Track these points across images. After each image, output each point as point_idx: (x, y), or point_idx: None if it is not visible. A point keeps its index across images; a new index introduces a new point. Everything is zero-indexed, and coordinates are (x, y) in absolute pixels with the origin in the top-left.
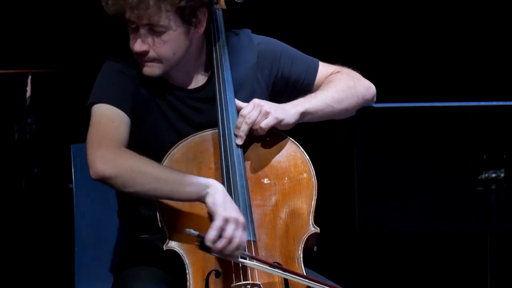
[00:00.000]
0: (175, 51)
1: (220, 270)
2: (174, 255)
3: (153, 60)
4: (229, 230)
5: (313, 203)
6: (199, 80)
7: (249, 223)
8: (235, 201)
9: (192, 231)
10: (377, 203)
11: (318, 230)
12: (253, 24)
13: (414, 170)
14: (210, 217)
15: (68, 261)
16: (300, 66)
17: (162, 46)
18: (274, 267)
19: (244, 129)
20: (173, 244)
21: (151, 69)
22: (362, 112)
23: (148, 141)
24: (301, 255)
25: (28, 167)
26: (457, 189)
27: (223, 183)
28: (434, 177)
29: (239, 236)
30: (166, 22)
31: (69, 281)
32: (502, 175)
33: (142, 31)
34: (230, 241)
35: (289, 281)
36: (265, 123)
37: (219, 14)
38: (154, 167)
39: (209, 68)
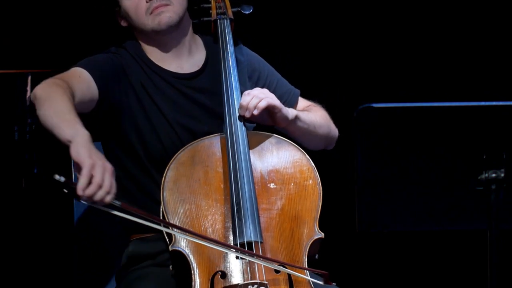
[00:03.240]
0: None
1: (226, 270)
2: (179, 256)
3: (166, 4)
4: (98, 175)
5: (318, 209)
6: (193, 66)
7: (257, 225)
8: (242, 204)
9: (61, 177)
10: (377, 203)
11: (322, 235)
12: (260, 34)
13: (414, 170)
14: (77, 166)
15: (68, 261)
16: (284, 87)
17: None
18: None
19: (246, 99)
20: (179, 245)
21: (168, 14)
22: (362, 112)
23: (143, 132)
24: (306, 260)
25: (28, 167)
26: (457, 189)
27: (230, 187)
28: (434, 177)
29: (108, 180)
30: None
31: (69, 281)
32: (502, 175)
33: None
34: (100, 186)
35: (293, 279)
36: (268, 99)
37: (227, 24)
38: (61, 101)
39: (202, 57)
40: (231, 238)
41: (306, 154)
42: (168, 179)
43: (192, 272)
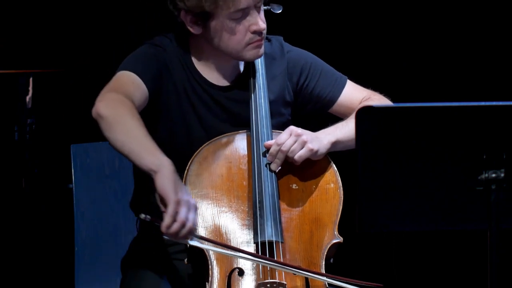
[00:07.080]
0: None
1: (243, 268)
2: (198, 251)
3: (263, 39)
4: (182, 213)
5: (338, 213)
6: (229, 78)
7: (278, 225)
8: (264, 202)
9: (147, 216)
10: (377, 203)
11: (341, 239)
12: (289, 34)
13: (414, 170)
14: (161, 198)
15: (68, 261)
16: (328, 79)
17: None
18: (232, 249)
19: (280, 157)
20: (198, 240)
21: (263, 49)
22: (362, 112)
23: (176, 131)
24: (324, 263)
25: (28, 167)
26: (457, 189)
27: (253, 184)
28: (434, 177)
29: (192, 218)
30: None
31: (69, 281)
32: (502, 175)
33: (259, 9)
34: (183, 224)
35: (309, 281)
36: (299, 156)
37: None
38: (135, 125)
39: (238, 69)
40: (251, 236)
41: (329, 157)
42: (191, 172)
43: (210, 267)
